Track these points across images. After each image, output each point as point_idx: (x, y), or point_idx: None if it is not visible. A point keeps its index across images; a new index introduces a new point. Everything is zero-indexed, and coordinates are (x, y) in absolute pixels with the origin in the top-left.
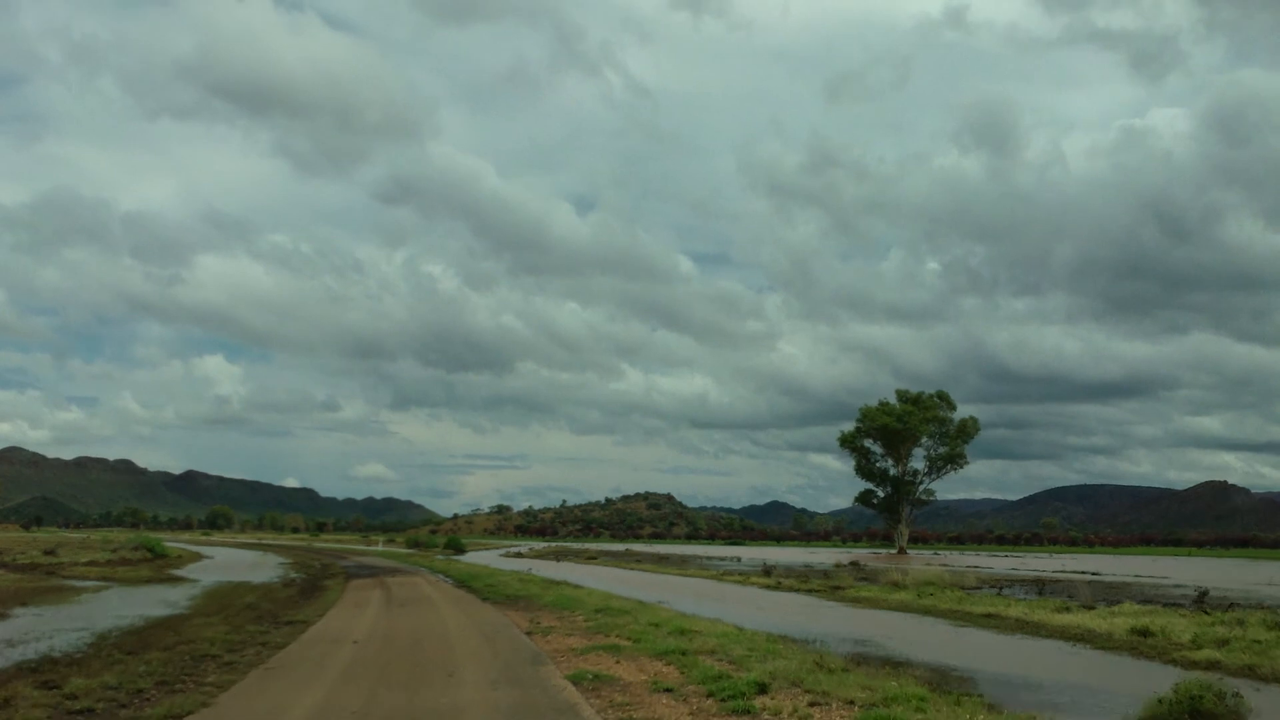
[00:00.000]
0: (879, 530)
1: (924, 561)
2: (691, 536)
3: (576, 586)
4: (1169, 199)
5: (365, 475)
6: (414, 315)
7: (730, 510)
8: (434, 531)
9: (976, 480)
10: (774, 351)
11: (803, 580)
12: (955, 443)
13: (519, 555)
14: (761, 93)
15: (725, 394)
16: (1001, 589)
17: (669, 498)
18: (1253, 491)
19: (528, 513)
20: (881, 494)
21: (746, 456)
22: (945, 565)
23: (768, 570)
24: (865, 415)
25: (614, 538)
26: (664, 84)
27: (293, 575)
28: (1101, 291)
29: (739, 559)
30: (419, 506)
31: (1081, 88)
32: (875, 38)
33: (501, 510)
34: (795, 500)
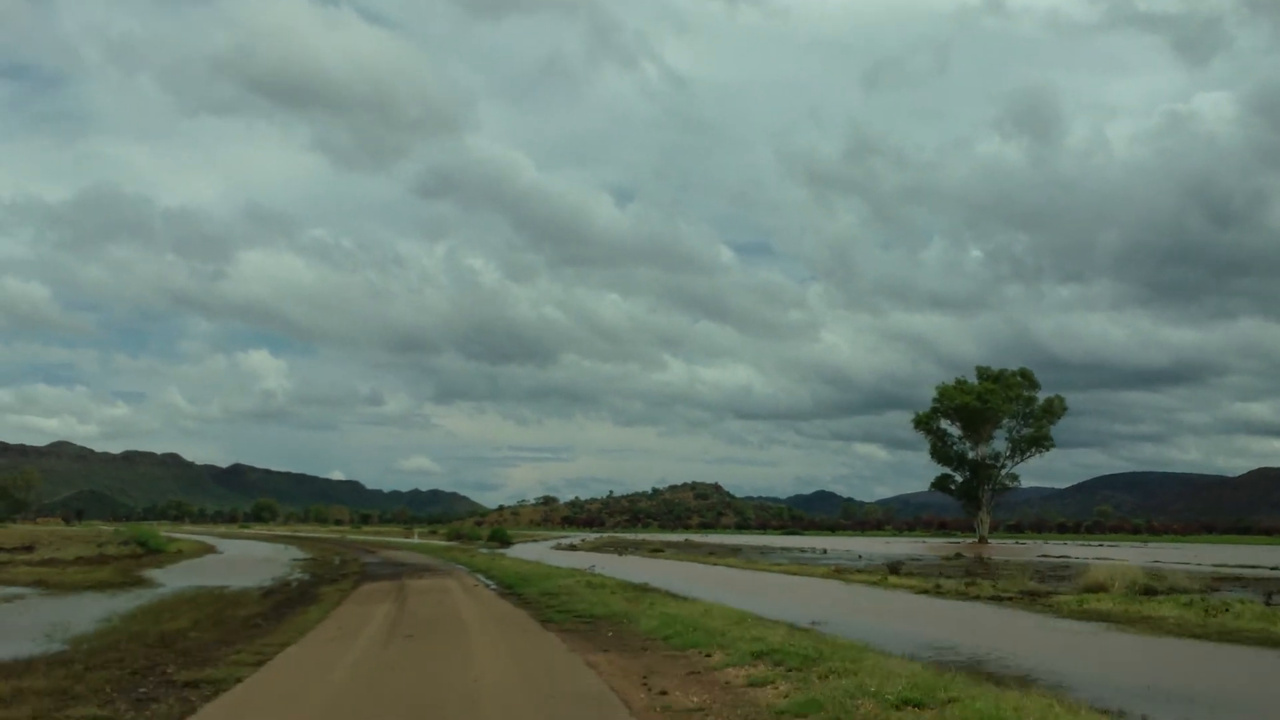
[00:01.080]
0: (935, 518)
1: (1018, 553)
2: (742, 527)
3: (681, 599)
4: (1214, 184)
5: (410, 468)
6: (456, 308)
7: (776, 500)
8: (479, 523)
9: (1022, 469)
10: (816, 342)
11: (967, 583)
12: (1040, 424)
13: (572, 548)
14: (799, 81)
15: (768, 384)
16: (1208, 590)
17: (716, 488)
18: None
19: (574, 504)
20: (959, 479)
21: (791, 447)
22: (1067, 557)
23: (894, 568)
24: (943, 394)
25: (662, 528)
26: (701, 74)
27: (294, 576)
28: (1147, 278)
29: (824, 550)
30: (464, 499)
31: (1124, 73)
32: (914, 24)
33: (548, 501)
34: (841, 490)
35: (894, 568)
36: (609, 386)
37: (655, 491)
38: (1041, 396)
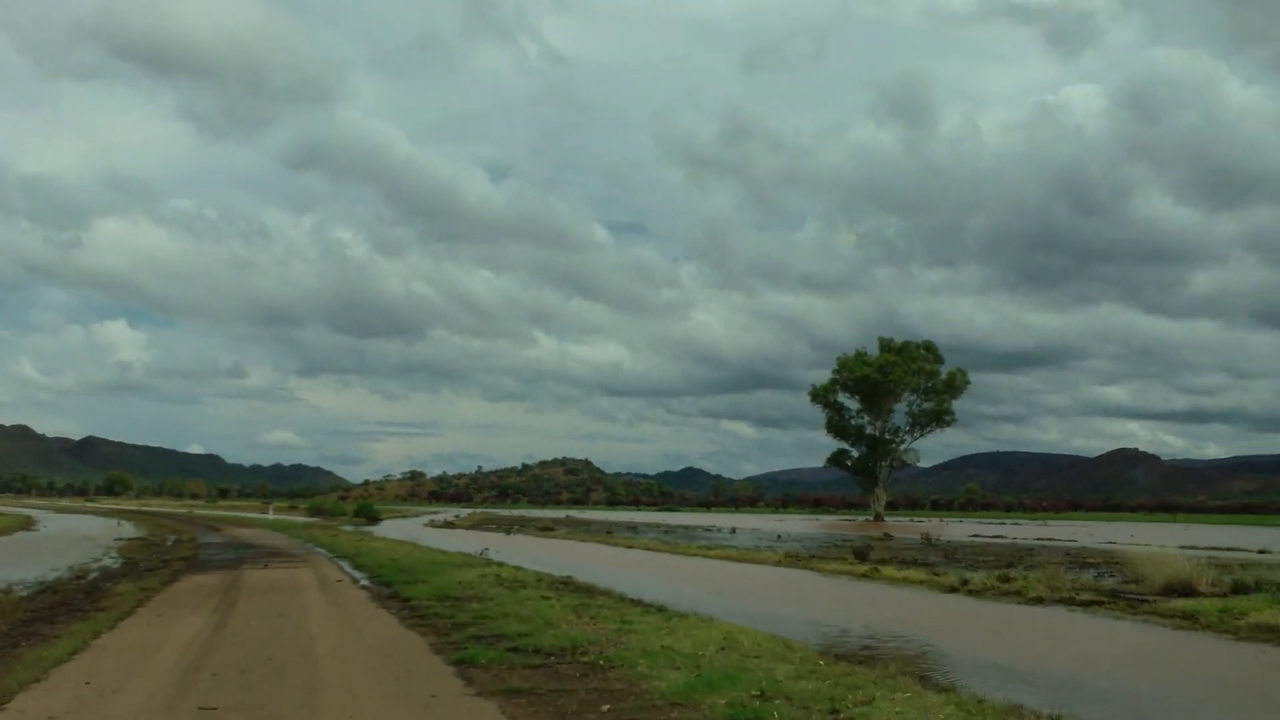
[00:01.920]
0: (809, 495)
1: (916, 530)
2: (612, 503)
3: (657, 610)
4: (1081, 174)
5: (273, 442)
6: (323, 281)
7: (645, 476)
8: (343, 498)
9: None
10: (688, 320)
11: (1001, 579)
12: (942, 398)
13: (449, 525)
14: (678, 63)
15: (639, 362)
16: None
17: (586, 463)
18: (1162, 459)
19: (442, 479)
20: (856, 454)
21: (660, 424)
22: (1003, 537)
23: (861, 553)
24: (843, 365)
25: (531, 504)
26: (580, 53)
27: (101, 563)
28: (1013, 263)
29: (732, 529)
30: (329, 473)
31: (997, 63)
32: (794, 10)
33: (414, 476)
34: (709, 467)
35: (861, 553)
36: (479, 363)
37: (525, 467)
38: (944, 371)
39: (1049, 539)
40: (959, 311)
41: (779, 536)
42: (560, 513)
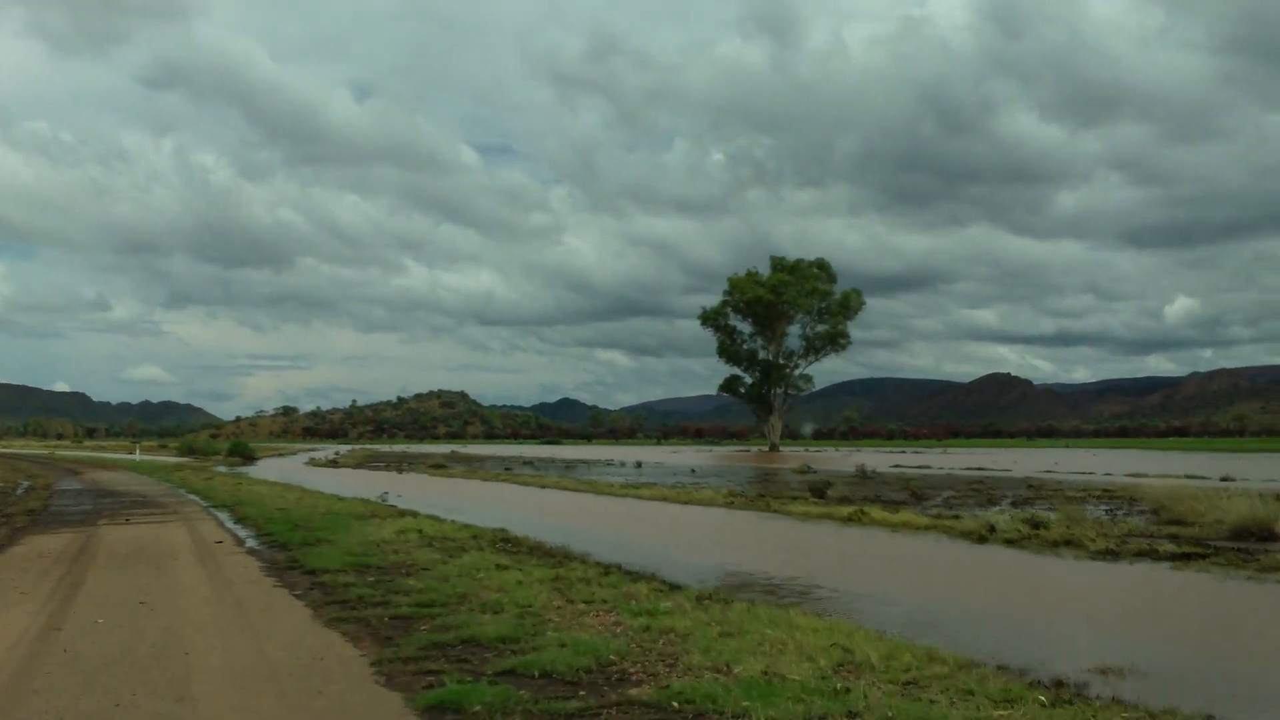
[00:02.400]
0: (691, 425)
1: (819, 461)
2: (490, 436)
3: (646, 582)
4: (947, 91)
5: (141, 378)
6: (186, 208)
7: (521, 408)
8: (215, 436)
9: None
10: (560, 245)
11: (1029, 523)
12: (837, 320)
13: (333, 463)
14: None
15: (512, 290)
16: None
17: (463, 396)
18: (1034, 383)
19: (315, 414)
20: (750, 380)
21: (534, 354)
22: (928, 468)
23: (818, 490)
24: (734, 286)
25: (409, 438)
26: None
27: None
28: (883, 184)
29: (638, 464)
30: (199, 410)
31: None
32: None
33: (287, 412)
34: (584, 397)
35: (818, 491)
36: (349, 292)
37: (400, 401)
38: (838, 291)
39: (983, 469)
40: (829, 233)
41: (692, 470)
42: (443, 447)
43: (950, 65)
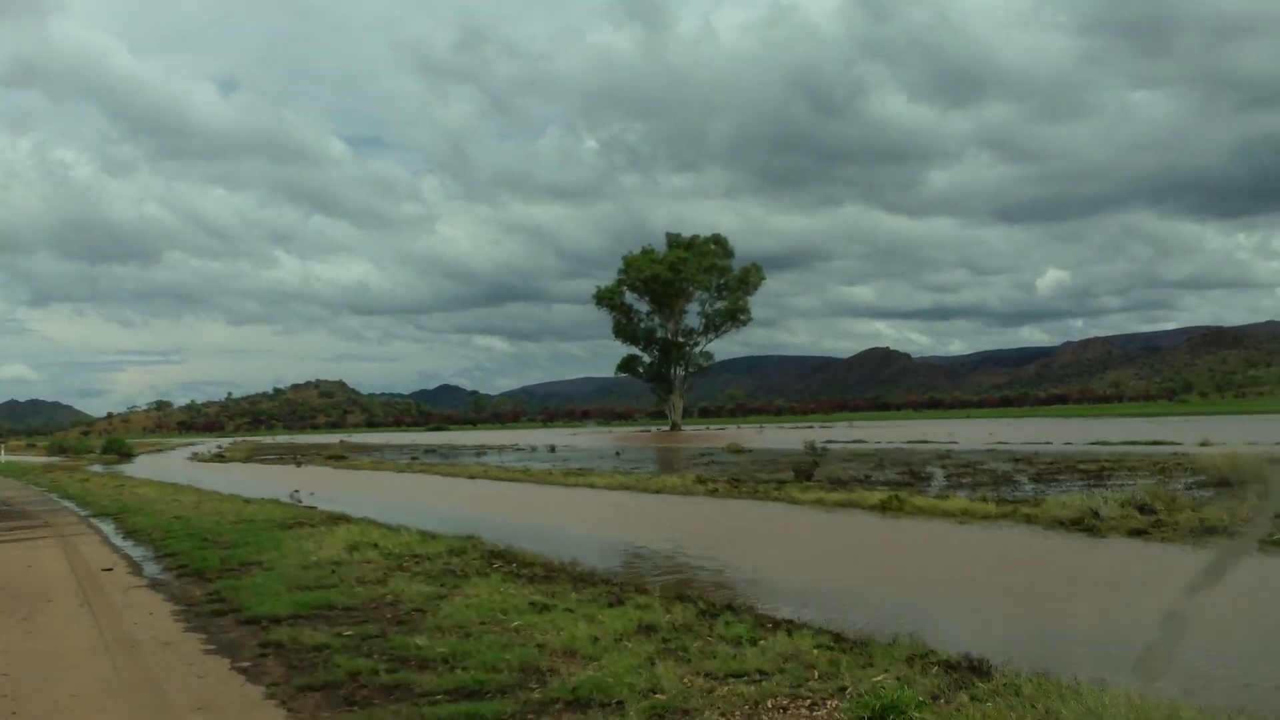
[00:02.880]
0: (577, 408)
1: (715, 440)
2: (372, 424)
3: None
4: (817, 74)
5: (6, 377)
6: (47, 205)
7: (401, 396)
8: (86, 433)
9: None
10: (433, 234)
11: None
12: (736, 295)
13: (219, 458)
14: None
15: (386, 279)
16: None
17: (341, 385)
18: (913, 356)
19: (191, 408)
20: (649, 359)
21: (411, 341)
22: (864, 441)
23: (806, 472)
24: (630, 265)
25: (288, 429)
26: None
27: None
28: (758, 166)
29: (551, 448)
30: (68, 408)
31: None
32: None
33: (161, 407)
34: (464, 383)
35: (804, 471)
36: (219, 285)
37: (277, 391)
38: (736, 266)
39: (927, 441)
40: (705, 216)
41: (617, 454)
42: (329, 437)
43: (820, 49)
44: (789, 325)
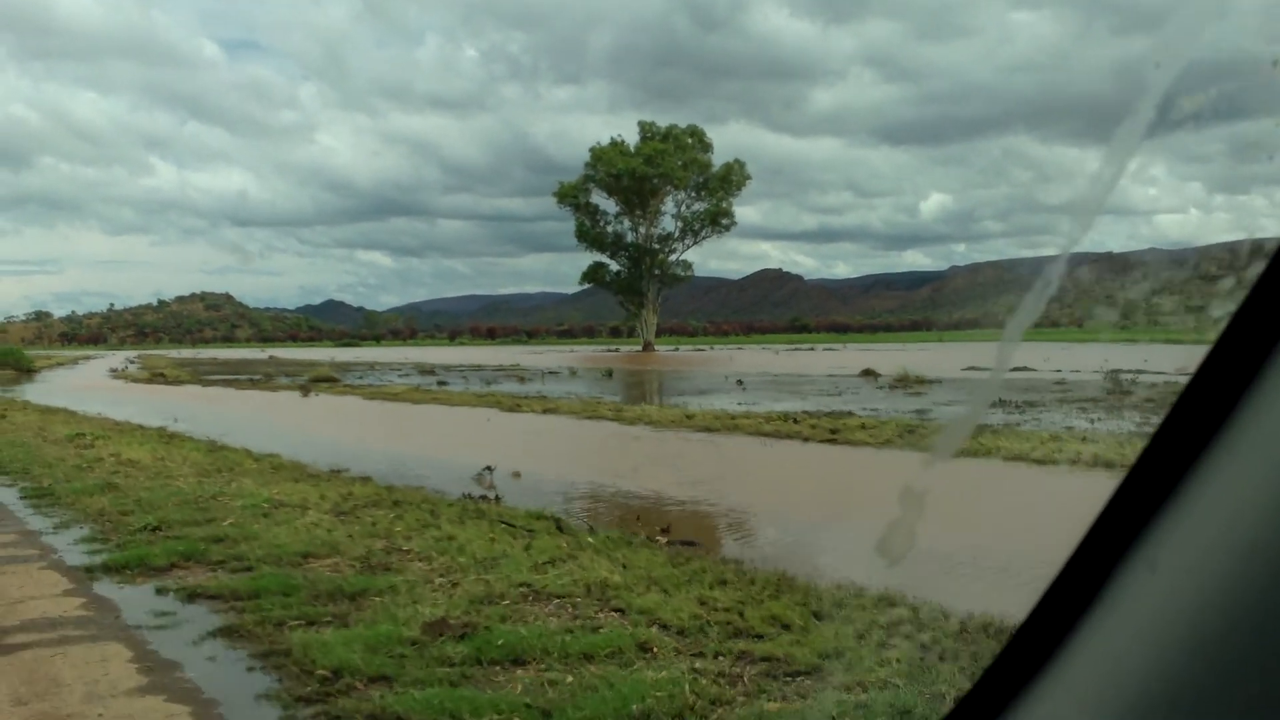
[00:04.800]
0: (482, 325)
1: (715, 365)
2: (264, 339)
3: None
4: None
5: None
6: None
7: (285, 310)
8: None
9: (528, 274)
10: (313, 144)
11: None
12: (719, 196)
13: (158, 378)
14: None
15: (265, 190)
16: None
17: (228, 298)
18: (806, 279)
19: (71, 319)
20: (618, 268)
21: (294, 255)
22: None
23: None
24: (598, 158)
25: (174, 342)
26: None
27: None
28: (640, 80)
29: (518, 367)
30: None
31: None
32: None
33: (40, 317)
34: (349, 299)
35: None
36: (94, 193)
37: (161, 304)
38: (717, 163)
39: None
40: (588, 131)
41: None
42: (249, 352)
43: None
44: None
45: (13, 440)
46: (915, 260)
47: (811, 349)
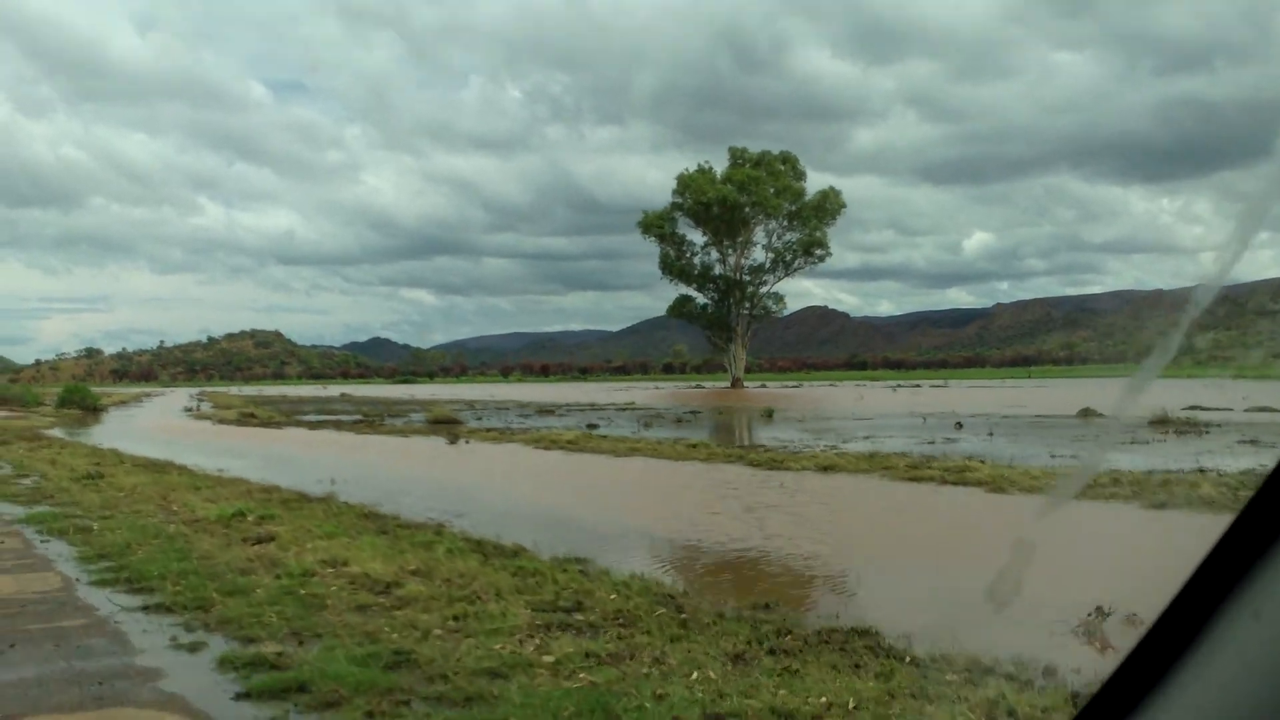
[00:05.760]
0: (534, 362)
1: (872, 401)
2: (315, 376)
3: None
4: (740, 28)
5: None
6: None
7: (333, 348)
8: (14, 380)
9: (572, 312)
10: (358, 184)
11: None
12: (812, 225)
13: (248, 418)
14: None
15: (312, 229)
16: None
17: (278, 335)
18: (851, 316)
19: (122, 356)
20: (705, 301)
21: (339, 293)
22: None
23: None
24: (686, 186)
25: (223, 379)
26: None
27: None
28: (682, 121)
29: (620, 406)
30: None
31: None
32: None
33: (92, 354)
34: (394, 336)
35: None
36: (143, 232)
37: (211, 341)
38: (810, 191)
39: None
40: (631, 170)
41: (770, 414)
42: (311, 389)
43: (742, 2)
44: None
45: (136, 523)
46: (958, 298)
47: (918, 386)
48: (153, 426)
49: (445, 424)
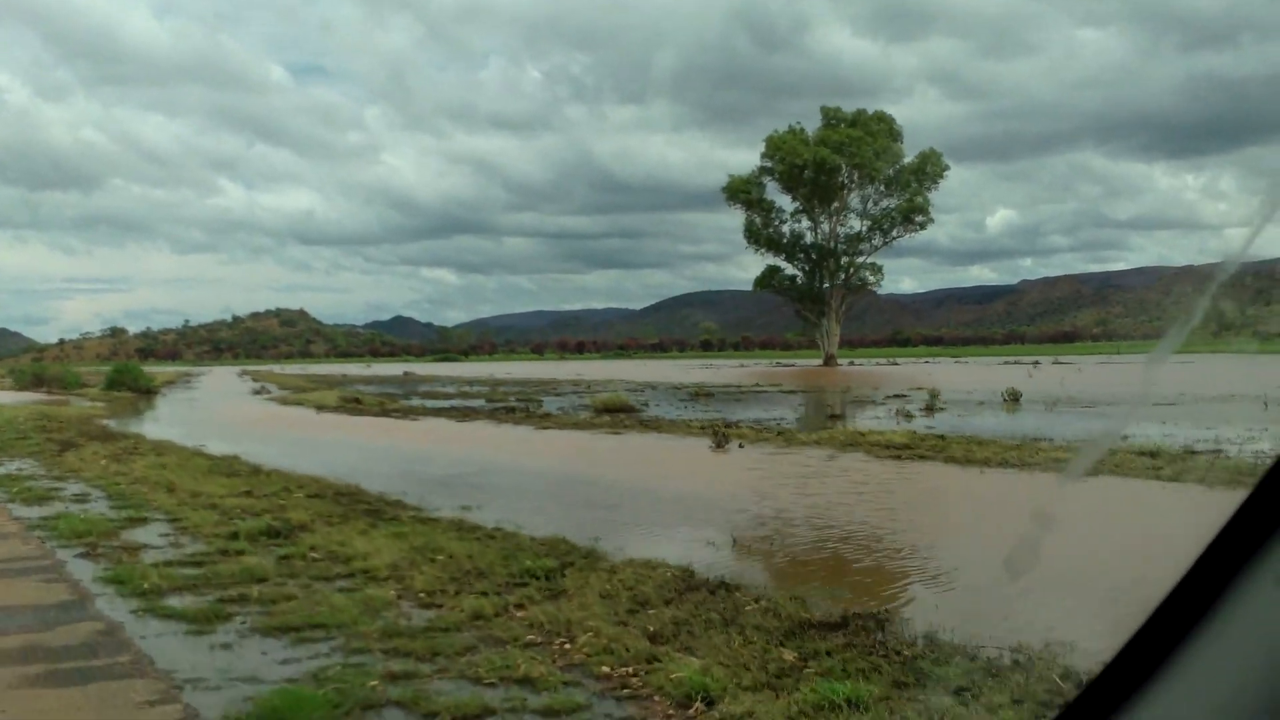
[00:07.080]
0: (570, 340)
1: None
2: (343, 355)
3: None
4: (760, 6)
5: None
6: None
7: (356, 327)
8: (38, 359)
9: (594, 290)
10: (379, 164)
11: None
12: (913, 190)
13: (351, 403)
14: None
15: (332, 209)
16: None
17: (302, 314)
18: (878, 293)
19: (147, 335)
20: (795, 272)
21: (360, 273)
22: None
23: None
24: (776, 147)
25: (248, 358)
26: None
27: None
28: (703, 100)
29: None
30: (15, 335)
31: None
32: None
33: (116, 334)
34: (416, 315)
35: None
36: (164, 213)
37: (236, 320)
38: (909, 153)
39: None
40: (651, 150)
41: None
42: (354, 368)
43: None
44: (740, 260)
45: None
46: (981, 275)
47: (1016, 361)
48: (238, 416)
49: (620, 412)
